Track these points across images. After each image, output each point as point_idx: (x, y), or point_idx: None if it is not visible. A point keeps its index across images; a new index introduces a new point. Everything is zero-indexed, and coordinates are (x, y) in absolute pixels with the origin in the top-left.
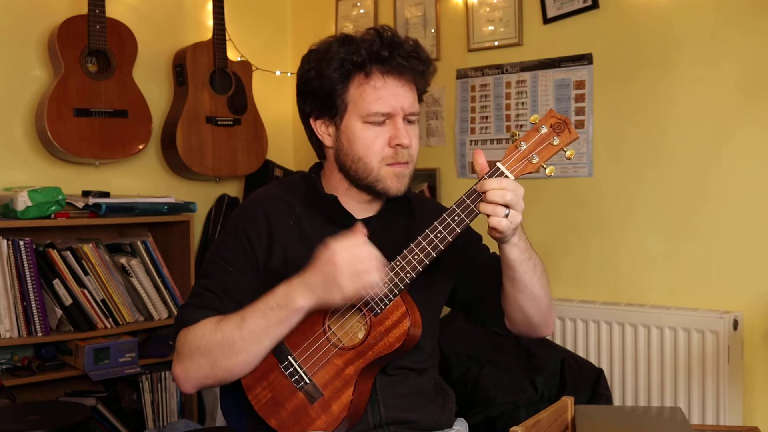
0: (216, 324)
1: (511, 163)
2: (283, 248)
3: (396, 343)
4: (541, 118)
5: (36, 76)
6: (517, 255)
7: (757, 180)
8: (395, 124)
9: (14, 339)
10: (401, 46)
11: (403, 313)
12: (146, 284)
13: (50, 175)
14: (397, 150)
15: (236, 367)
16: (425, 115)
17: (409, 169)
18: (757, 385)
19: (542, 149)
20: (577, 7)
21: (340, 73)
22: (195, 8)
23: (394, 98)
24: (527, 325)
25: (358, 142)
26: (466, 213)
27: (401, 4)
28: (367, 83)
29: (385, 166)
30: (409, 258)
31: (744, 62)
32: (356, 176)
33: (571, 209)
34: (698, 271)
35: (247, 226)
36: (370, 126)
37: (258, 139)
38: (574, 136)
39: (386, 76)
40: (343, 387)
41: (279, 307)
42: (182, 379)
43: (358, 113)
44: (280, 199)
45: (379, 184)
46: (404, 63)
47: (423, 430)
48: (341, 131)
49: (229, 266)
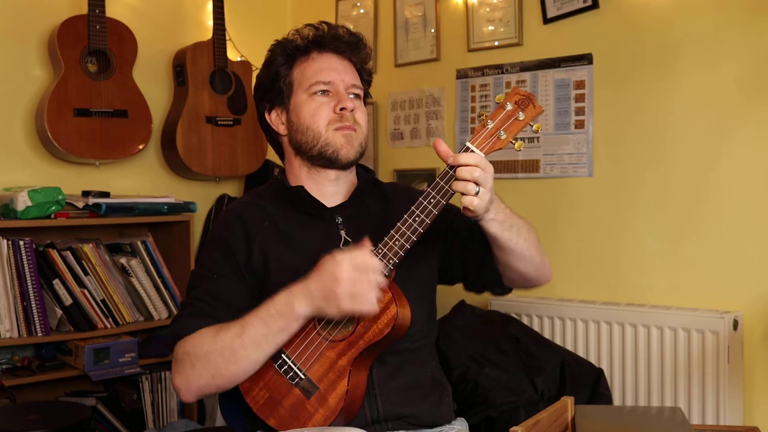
0: (215, 333)
1: (480, 141)
2: (261, 248)
3: (385, 329)
4: (505, 96)
5: (36, 76)
6: (497, 228)
7: (757, 180)
8: (338, 93)
9: (14, 339)
10: (334, 29)
11: (390, 299)
12: (146, 284)
13: (50, 175)
14: (342, 114)
15: (237, 374)
16: (425, 115)
17: (357, 135)
18: (757, 385)
19: (509, 125)
20: (577, 7)
21: (283, 57)
22: (195, 8)
23: (333, 70)
24: (524, 280)
25: (304, 112)
26: (441, 194)
27: (401, 4)
28: (307, 61)
29: (333, 130)
30: (390, 244)
31: (744, 62)
32: (307, 147)
33: (571, 209)
34: (698, 271)
35: (224, 233)
36: (315, 97)
37: (258, 139)
38: (539, 110)
39: (323, 52)
40: (337, 379)
41: (279, 315)
42: (183, 389)
43: (302, 88)
44: (252, 205)
45: (329, 148)
46: (338, 40)
47: (421, 424)
48: (291, 111)
49: (213, 274)
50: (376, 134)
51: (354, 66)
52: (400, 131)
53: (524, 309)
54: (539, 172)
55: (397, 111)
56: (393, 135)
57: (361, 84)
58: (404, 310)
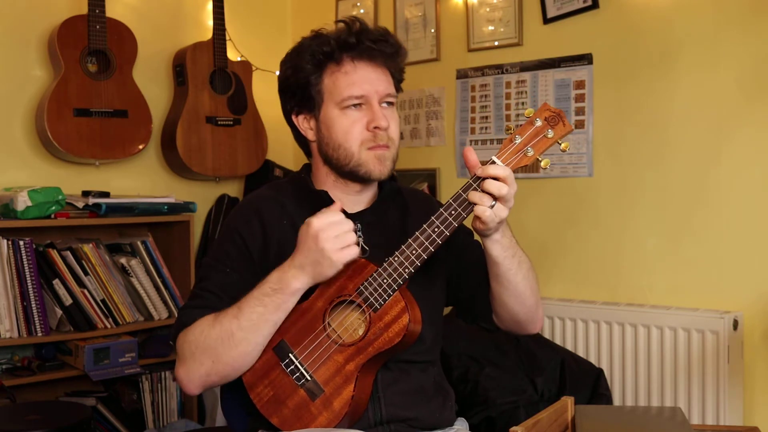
0: (213, 319)
1: (506, 156)
2: (278, 247)
3: (396, 338)
4: (535, 112)
5: (36, 76)
6: (500, 252)
7: (757, 180)
8: (371, 107)
9: (14, 339)
10: (369, 33)
11: (403, 308)
12: (146, 284)
13: (50, 175)
14: (376, 133)
15: (237, 359)
16: (425, 115)
17: (390, 152)
18: (757, 385)
19: (537, 142)
20: (577, 7)
21: (313, 65)
22: (195, 8)
23: (366, 82)
24: (514, 322)
25: (336, 129)
26: (463, 207)
27: (401, 4)
28: (339, 70)
29: (366, 150)
30: (407, 253)
31: (744, 62)
32: (339, 164)
33: (571, 209)
34: (698, 271)
35: (242, 228)
36: (347, 112)
37: (258, 139)
38: (569, 129)
39: (356, 61)
40: (344, 383)
41: (274, 292)
42: (185, 380)
43: (333, 101)
44: (272, 200)
45: (361, 168)
46: (372, 47)
47: (423, 428)
48: (321, 122)
49: (226, 267)
50: None
51: (389, 71)
52: (400, 131)
53: None
54: (539, 172)
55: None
56: None
57: (395, 91)
58: (416, 320)
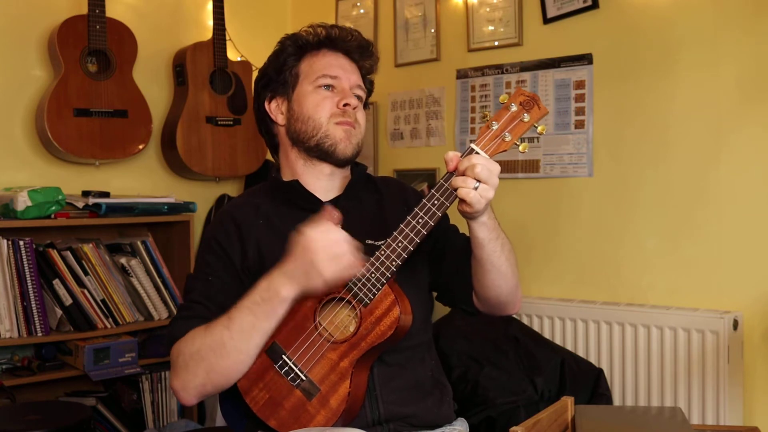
0: (204, 330)
1: (484, 143)
2: (255, 246)
3: (388, 332)
4: (510, 97)
5: (36, 76)
6: (485, 234)
7: (757, 180)
8: (343, 89)
9: (14, 339)
10: (346, 32)
11: (393, 301)
12: (146, 284)
13: (50, 175)
14: (345, 110)
15: (230, 368)
16: (425, 115)
17: (356, 132)
18: (757, 385)
19: (514, 127)
20: (577, 7)
21: (294, 50)
22: (195, 8)
23: (341, 68)
24: (496, 303)
25: (307, 103)
26: (445, 196)
27: (401, 4)
28: (317, 56)
29: (334, 123)
30: (393, 246)
31: (744, 62)
32: (306, 136)
33: (572, 209)
34: (698, 271)
35: (218, 235)
36: (319, 90)
37: (258, 139)
38: (544, 112)
39: (334, 52)
40: (339, 380)
41: (264, 301)
42: (181, 391)
43: (308, 80)
44: (246, 205)
45: (327, 140)
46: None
47: (422, 425)
48: (293, 101)
49: (208, 276)
50: (376, 134)
51: (360, 71)
52: (400, 131)
53: (524, 309)
54: (539, 172)
55: (397, 111)
56: (393, 135)
57: (365, 90)
58: (406, 312)
